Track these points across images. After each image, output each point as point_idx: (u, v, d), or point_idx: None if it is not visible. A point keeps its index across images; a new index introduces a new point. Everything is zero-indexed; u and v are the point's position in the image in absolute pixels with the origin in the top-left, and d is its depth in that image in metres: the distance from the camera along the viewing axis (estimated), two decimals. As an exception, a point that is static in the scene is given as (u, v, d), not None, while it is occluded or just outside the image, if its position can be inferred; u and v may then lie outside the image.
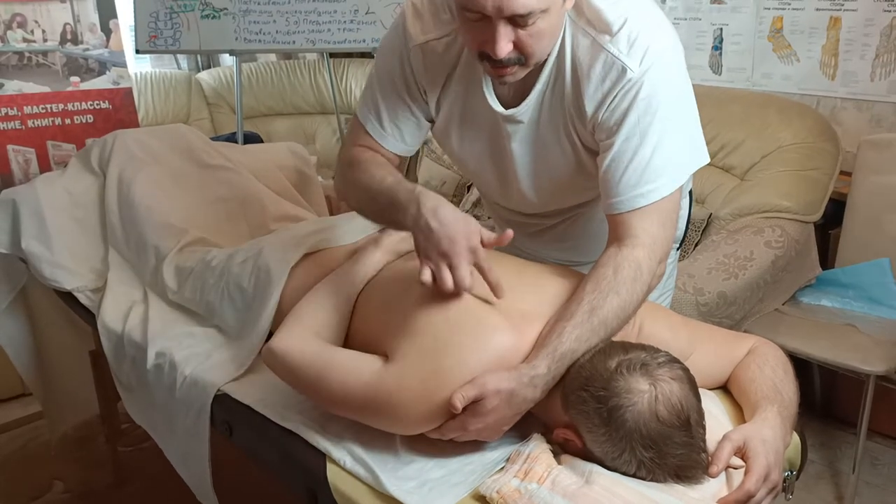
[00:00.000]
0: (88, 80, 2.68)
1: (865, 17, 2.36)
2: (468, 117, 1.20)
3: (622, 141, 1.06)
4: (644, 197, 1.06)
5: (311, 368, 1.07)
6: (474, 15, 1.00)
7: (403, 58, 1.19)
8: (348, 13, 2.98)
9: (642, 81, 1.04)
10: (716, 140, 2.44)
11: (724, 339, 1.18)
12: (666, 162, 1.06)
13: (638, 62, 1.04)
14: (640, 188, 1.06)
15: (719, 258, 2.09)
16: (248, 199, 1.81)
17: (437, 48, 1.16)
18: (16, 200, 1.80)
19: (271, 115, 3.97)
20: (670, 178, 1.07)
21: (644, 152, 1.05)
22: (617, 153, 1.06)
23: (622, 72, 1.05)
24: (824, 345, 2.01)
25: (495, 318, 1.02)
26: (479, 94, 1.16)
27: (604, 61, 1.06)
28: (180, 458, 1.41)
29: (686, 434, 0.91)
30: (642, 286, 1.04)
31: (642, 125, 1.05)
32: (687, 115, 1.10)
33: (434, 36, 1.16)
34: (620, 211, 1.07)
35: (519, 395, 0.96)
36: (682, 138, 1.09)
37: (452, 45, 1.15)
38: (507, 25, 0.99)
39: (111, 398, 2.00)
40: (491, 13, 0.98)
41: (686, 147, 1.10)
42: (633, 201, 1.06)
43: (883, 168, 2.22)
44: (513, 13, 0.97)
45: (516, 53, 1.03)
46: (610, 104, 1.06)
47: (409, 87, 1.21)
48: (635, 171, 1.06)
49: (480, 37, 1.02)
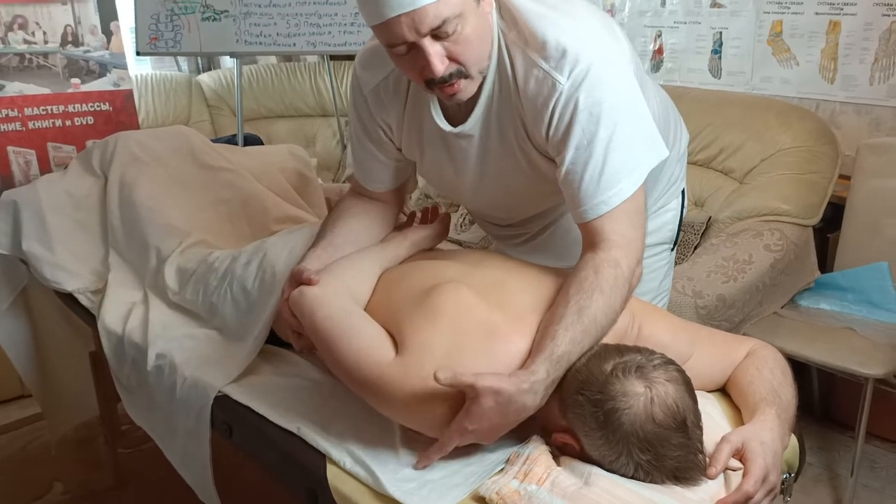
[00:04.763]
0: (89, 81, 2.69)
1: (865, 21, 2.37)
2: (426, 139, 1.23)
3: (572, 153, 1.07)
4: (606, 203, 1.07)
5: (336, 326, 1.08)
6: (401, 48, 1.03)
7: (360, 106, 1.26)
8: (349, 16, 2.99)
9: (578, 93, 1.05)
10: (715, 143, 2.45)
11: (723, 341, 1.19)
12: (621, 166, 1.07)
13: (566, 75, 1.05)
14: (601, 195, 1.07)
15: (718, 261, 2.09)
16: (250, 200, 1.82)
17: (388, 86, 1.22)
18: (17, 202, 1.81)
19: (272, 118, 3.97)
20: (629, 180, 1.08)
21: (595, 161, 1.06)
22: (570, 166, 1.08)
23: (553, 86, 1.06)
24: (823, 348, 2.01)
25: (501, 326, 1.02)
26: (430, 116, 1.19)
27: (536, 77, 1.08)
28: (181, 459, 1.42)
29: (683, 436, 0.91)
30: (624, 282, 1.05)
31: (588, 135, 1.06)
32: (633, 115, 1.10)
33: (382, 76, 1.21)
34: (587, 220, 1.09)
35: (518, 402, 0.96)
36: (633, 139, 1.09)
37: (400, 78, 1.20)
38: (433, 43, 1.02)
39: (111, 399, 2.00)
40: (411, 37, 1.00)
41: (639, 146, 1.10)
42: (597, 208, 1.08)
43: (882, 172, 2.23)
44: (429, 27, 1.00)
45: (455, 66, 1.05)
46: (551, 120, 1.08)
47: (370, 133, 1.28)
48: (591, 180, 1.07)
49: (417, 66, 1.05)
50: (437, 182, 1.33)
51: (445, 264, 1.19)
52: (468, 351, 0.99)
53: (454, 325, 1.02)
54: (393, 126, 1.25)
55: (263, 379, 1.32)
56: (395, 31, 1.00)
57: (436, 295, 1.06)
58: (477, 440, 1.00)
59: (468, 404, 0.96)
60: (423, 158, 1.27)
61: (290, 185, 2.01)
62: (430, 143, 1.23)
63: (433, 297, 1.06)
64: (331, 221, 1.33)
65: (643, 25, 2.98)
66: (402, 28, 1.00)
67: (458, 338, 1.01)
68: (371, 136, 1.28)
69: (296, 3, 2.98)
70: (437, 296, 1.06)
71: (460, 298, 1.05)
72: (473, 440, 1.00)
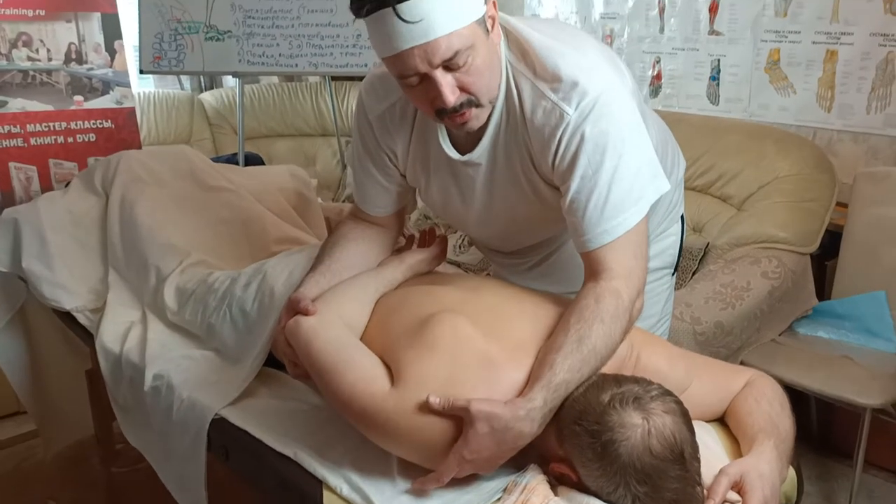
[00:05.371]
0: (92, 99, 2.71)
1: (862, 51, 2.39)
2: (432, 167, 1.24)
3: (577, 182, 1.08)
4: (609, 233, 1.08)
5: (331, 357, 1.08)
6: (413, 79, 1.04)
7: (365, 132, 1.27)
8: (350, 38, 3.02)
9: (584, 124, 1.07)
10: (713, 169, 2.46)
11: (721, 371, 1.19)
12: (625, 197, 1.08)
13: (574, 106, 1.07)
14: (604, 225, 1.08)
15: (717, 287, 2.10)
16: (250, 221, 1.83)
17: (395, 113, 1.23)
18: (18, 220, 1.81)
19: (273, 136, 3.99)
20: (633, 211, 1.09)
21: (600, 191, 1.08)
22: (574, 195, 1.09)
23: (560, 117, 1.08)
24: (821, 376, 2.01)
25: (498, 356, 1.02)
26: (438, 143, 1.20)
27: (544, 108, 1.09)
28: (176, 481, 1.41)
29: (680, 468, 0.91)
30: (624, 313, 1.05)
31: (593, 165, 1.07)
32: (638, 148, 1.11)
33: (389, 103, 1.22)
34: (589, 249, 1.10)
35: (514, 429, 0.96)
36: (637, 171, 1.10)
37: (406, 106, 1.21)
38: (444, 74, 1.03)
39: (106, 418, 2.00)
40: (423, 69, 1.02)
41: (643, 178, 1.11)
42: (600, 238, 1.08)
43: (879, 200, 2.24)
44: (441, 59, 1.01)
45: (465, 96, 1.06)
46: (557, 150, 1.09)
47: (374, 159, 1.28)
48: (595, 209, 1.08)
49: (428, 96, 1.06)
50: (442, 209, 1.33)
51: (443, 291, 1.19)
52: (465, 382, 0.99)
53: (451, 356, 1.02)
54: (398, 153, 1.26)
55: (261, 402, 1.32)
56: (408, 63, 1.02)
57: (433, 325, 1.06)
58: (475, 470, 1.00)
59: (464, 431, 0.96)
60: (428, 186, 1.28)
61: (290, 206, 2.01)
62: (436, 170, 1.24)
63: (430, 327, 1.06)
64: (329, 246, 1.33)
65: (642, 51, 3.01)
66: (415, 60, 1.01)
67: (455, 369, 1.01)
68: (375, 162, 1.29)
69: (298, 25, 3.01)
70: (434, 326, 1.06)
71: (457, 329, 1.05)
72: (472, 470, 0.99)
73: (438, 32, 0.99)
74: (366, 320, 1.18)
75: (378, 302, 1.22)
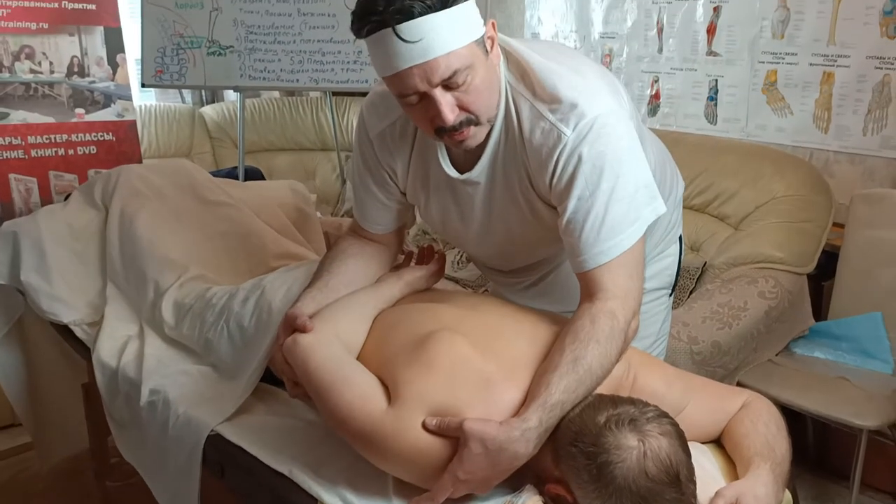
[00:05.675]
0: (93, 112, 2.72)
1: (858, 73, 2.41)
2: (432, 185, 1.25)
3: (574, 203, 1.09)
4: (605, 254, 1.09)
5: (328, 375, 1.08)
6: (413, 98, 1.06)
7: (366, 149, 1.28)
8: (351, 54, 3.04)
9: (582, 145, 1.08)
10: (711, 189, 2.47)
11: (718, 392, 1.19)
12: (621, 218, 1.09)
13: (572, 127, 1.08)
14: (600, 245, 1.09)
15: (713, 307, 2.10)
16: (249, 235, 1.83)
17: (395, 131, 1.24)
18: (17, 233, 1.82)
19: (273, 150, 4.01)
20: (629, 232, 1.10)
21: (597, 212, 1.08)
22: (571, 215, 1.10)
23: (558, 138, 1.09)
24: (817, 397, 2.01)
25: (496, 376, 1.02)
26: (437, 162, 1.21)
27: (542, 128, 1.10)
28: (169, 497, 1.40)
29: (676, 490, 0.91)
30: (620, 333, 1.06)
31: (590, 186, 1.08)
32: (635, 170, 1.12)
33: (390, 121, 1.24)
34: (585, 269, 1.10)
35: (509, 449, 0.96)
36: (634, 193, 1.11)
37: (407, 124, 1.22)
38: (444, 93, 1.04)
39: (102, 432, 1.99)
40: (422, 88, 1.03)
41: (639, 200, 1.12)
42: (596, 259, 1.09)
43: (875, 222, 2.25)
44: (441, 78, 1.02)
45: (465, 114, 1.07)
46: (555, 171, 1.10)
47: (374, 176, 1.29)
48: (592, 230, 1.09)
49: (428, 115, 1.07)
50: (441, 228, 1.34)
51: (440, 309, 1.19)
52: (462, 402, 0.99)
53: (449, 375, 1.02)
54: (398, 171, 1.27)
55: (257, 418, 1.32)
56: (408, 82, 1.03)
57: (431, 344, 1.06)
58: (470, 490, 1.00)
59: (459, 451, 0.96)
60: (427, 204, 1.29)
61: (289, 221, 2.02)
62: (435, 189, 1.25)
63: (427, 346, 1.06)
64: (328, 261, 1.34)
65: (640, 71, 3.03)
66: (415, 79, 1.02)
67: (453, 389, 1.01)
68: (375, 180, 1.30)
69: (300, 41, 3.03)
70: (432, 345, 1.06)
71: (455, 348, 1.05)
72: (467, 490, 0.99)
73: (437, 52, 1.00)
74: (363, 337, 1.18)
75: (376, 319, 1.22)
